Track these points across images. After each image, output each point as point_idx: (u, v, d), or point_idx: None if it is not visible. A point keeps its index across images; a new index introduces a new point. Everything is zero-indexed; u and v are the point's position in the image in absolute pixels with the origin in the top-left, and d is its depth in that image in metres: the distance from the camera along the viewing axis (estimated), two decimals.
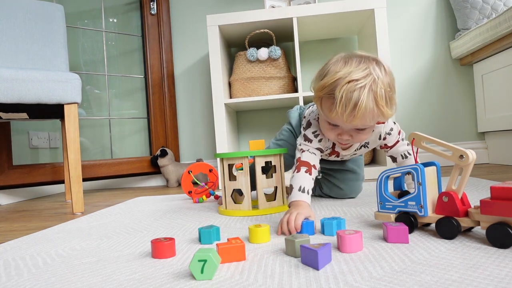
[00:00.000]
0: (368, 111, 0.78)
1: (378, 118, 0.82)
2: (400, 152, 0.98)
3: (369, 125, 0.84)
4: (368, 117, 0.80)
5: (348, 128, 0.85)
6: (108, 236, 0.83)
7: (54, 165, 1.91)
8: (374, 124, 0.86)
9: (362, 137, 0.87)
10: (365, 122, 0.81)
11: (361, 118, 0.79)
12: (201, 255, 0.51)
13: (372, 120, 0.82)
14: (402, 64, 2.16)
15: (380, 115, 0.81)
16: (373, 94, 0.78)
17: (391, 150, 0.99)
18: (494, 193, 0.57)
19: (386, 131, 0.96)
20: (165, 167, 2.06)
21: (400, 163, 1.00)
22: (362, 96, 0.77)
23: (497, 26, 1.70)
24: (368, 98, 0.78)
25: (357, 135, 0.86)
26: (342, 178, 1.12)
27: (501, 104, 1.87)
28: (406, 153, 0.98)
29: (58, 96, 1.31)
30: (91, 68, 2.32)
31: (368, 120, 0.81)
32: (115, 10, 2.33)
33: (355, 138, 0.87)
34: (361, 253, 0.58)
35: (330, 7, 1.75)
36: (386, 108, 0.80)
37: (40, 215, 1.32)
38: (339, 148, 0.99)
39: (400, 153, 0.98)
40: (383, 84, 0.80)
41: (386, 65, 0.85)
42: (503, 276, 0.45)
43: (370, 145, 1.00)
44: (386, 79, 0.82)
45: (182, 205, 1.26)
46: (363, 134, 0.86)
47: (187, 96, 2.30)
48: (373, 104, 0.79)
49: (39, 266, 0.63)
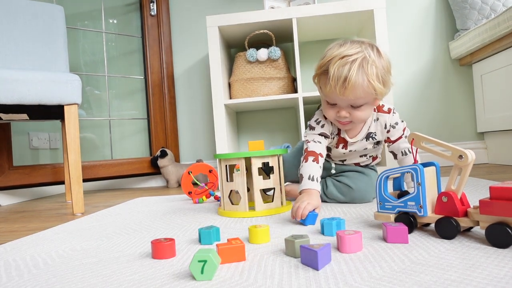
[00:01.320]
0: (358, 83, 0.85)
1: (370, 93, 0.88)
2: (401, 149, 0.99)
3: (362, 100, 0.89)
4: (358, 89, 0.86)
5: (344, 104, 0.91)
6: (108, 237, 0.84)
7: (55, 165, 1.91)
8: (369, 101, 0.91)
9: (359, 115, 0.92)
10: (356, 95, 0.87)
11: (352, 90, 0.86)
12: (201, 255, 0.51)
13: (364, 93, 0.87)
14: (402, 65, 2.17)
15: (372, 89, 0.86)
16: (363, 68, 0.86)
17: (392, 145, 1.01)
18: (493, 193, 0.58)
19: (391, 123, 0.99)
20: (165, 167, 2.06)
21: (400, 160, 1.00)
22: (352, 69, 0.85)
23: (496, 27, 1.70)
24: (358, 71, 0.85)
25: (354, 112, 0.92)
26: (352, 176, 1.07)
27: (500, 104, 1.88)
28: (407, 151, 0.98)
29: (59, 97, 1.31)
30: (91, 69, 2.32)
31: (359, 92, 0.87)
32: (115, 11, 2.33)
33: (353, 115, 0.92)
34: (360, 254, 0.58)
35: (330, 8, 1.76)
36: (377, 82, 0.86)
37: (40, 215, 1.32)
38: (345, 134, 1.02)
39: (401, 149, 0.99)
40: (374, 62, 0.87)
41: (382, 50, 0.91)
42: (502, 275, 0.45)
43: (378, 136, 1.01)
44: (379, 60, 0.88)
45: (182, 205, 1.26)
46: (359, 111, 0.92)
47: (187, 96, 2.30)
48: (362, 76, 0.85)
49: (39, 266, 0.63)
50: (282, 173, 1.02)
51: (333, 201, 1.09)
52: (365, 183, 1.05)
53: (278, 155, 1.02)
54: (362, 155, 1.08)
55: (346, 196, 1.06)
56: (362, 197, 1.05)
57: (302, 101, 1.77)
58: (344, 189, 1.06)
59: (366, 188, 1.05)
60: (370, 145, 1.04)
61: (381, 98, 0.94)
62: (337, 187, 1.07)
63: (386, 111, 1.00)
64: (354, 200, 1.05)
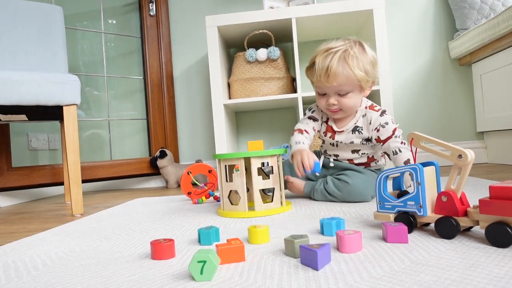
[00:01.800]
0: (339, 71, 0.97)
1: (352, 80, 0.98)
2: (391, 148, 1.01)
3: (347, 87, 1.00)
4: (340, 77, 0.98)
5: (332, 92, 1.03)
6: (107, 238, 0.83)
7: (54, 166, 1.91)
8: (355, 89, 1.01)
9: (346, 102, 1.02)
10: (339, 81, 0.98)
11: (334, 77, 0.98)
12: (201, 256, 0.51)
13: (346, 80, 0.99)
14: (401, 64, 2.17)
15: (353, 77, 0.98)
16: (344, 58, 0.98)
17: (383, 146, 1.04)
18: (493, 193, 0.57)
19: (381, 122, 1.04)
20: (164, 168, 2.06)
21: (393, 160, 1.02)
22: (334, 58, 0.98)
23: (495, 26, 1.70)
24: (339, 61, 0.97)
25: (341, 99, 1.03)
26: (350, 174, 1.09)
27: (500, 103, 1.88)
28: (397, 150, 1.01)
29: (57, 98, 1.31)
30: (90, 70, 2.32)
31: (341, 79, 0.98)
32: (114, 12, 2.33)
33: (341, 103, 1.03)
34: (360, 253, 0.58)
35: (329, 8, 1.76)
36: (358, 70, 0.97)
37: (39, 217, 1.31)
38: (333, 124, 1.11)
39: (392, 149, 1.01)
40: (356, 53, 0.98)
41: (368, 47, 1.03)
42: (502, 275, 0.45)
43: (364, 131, 1.07)
44: (362, 54, 1.00)
45: (181, 206, 1.26)
46: (346, 98, 1.02)
47: (186, 97, 2.30)
48: (343, 65, 0.98)
49: (38, 268, 0.63)
50: (281, 173, 1.02)
51: (331, 199, 1.10)
52: (362, 179, 1.07)
53: (277, 155, 1.02)
54: (354, 151, 1.11)
55: (342, 191, 1.07)
56: (358, 193, 1.05)
57: (302, 101, 1.77)
58: (341, 185, 1.07)
59: (363, 184, 1.06)
60: (357, 139, 1.08)
61: (366, 86, 1.03)
62: (335, 183, 1.09)
63: (375, 110, 1.06)
64: (351, 195, 1.06)
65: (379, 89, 1.71)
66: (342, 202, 1.09)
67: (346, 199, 1.07)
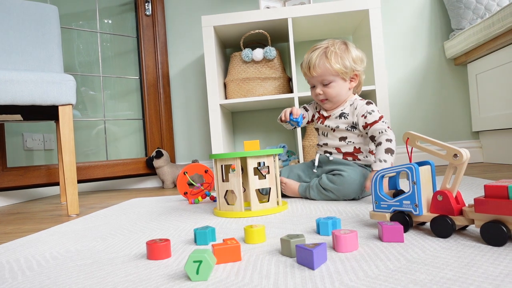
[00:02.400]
0: (317, 63, 1.13)
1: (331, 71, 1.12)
2: (377, 130, 1.08)
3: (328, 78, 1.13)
4: (319, 68, 1.13)
5: (317, 83, 1.17)
6: (103, 238, 0.83)
7: (49, 167, 1.90)
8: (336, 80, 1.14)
9: (329, 91, 1.15)
10: (318, 72, 1.13)
11: (314, 69, 1.13)
12: (197, 256, 0.51)
13: (326, 71, 1.13)
14: (397, 64, 2.17)
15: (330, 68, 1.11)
16: (324, 53, 1.13)
17: (370, 129, 1.10)
18: (488, 192, 0.58)
19: (368, 110, 1.12)
20: (160, 168, 2.05)
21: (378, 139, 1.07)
22: (314, 53, 1.14)
23: (490, 26, 1.71)
24: (318, 55, 1.13)
25: (325, 89, 1.16)
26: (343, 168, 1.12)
27: (495, 103, 1.89)
28: (383, 130, 1.07)
29: (53, 98, 1.30)
30: (86, 69, 2.31)
31: (320, 70, 1.13)
32: (109, 11, 2.32)
33: (325, 92, 1.16)
34: (356, 253, 0.58)
35: (325, 8, 1.76)
36: (335, 63, 1.11)
37: (35, 217, 1.31)
38: (324, 111, 1.22)
39: (378, 130, 1.08)
40: (336, 50, 1.12)
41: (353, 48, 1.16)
42: (497, 273, 0.45)
43: (349, 116, 1.16)
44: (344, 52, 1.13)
45: (177, 206, 1.25)
46: (328, 88, 1.15)
47: (182, 97, 2.29)
48: (322, 59, 1.13)
49: (33, 268, 0.63)
50: (278, 173, 1.02)
51: (326, 195, 1.11)
52: (353, 171, 1.10)
53: (273, 155, 1.02)
54: (341, 138, 1.17)
55: (336, 183, 1.09)
56: (351, 183, 1.08)
57: (298, 101, 1.77)
58: (335, 178, 1.10)
59: (355, 175, 1.08)
60: (343, 125, 1.16)
61: (347, 77, 1.15)
62: (329, 178, 1.12)
63: (362, 99, 1.18)
64: (344, 185, 1.08)
65: (375, 88, 1.72)
66: (337, 198, 1.10)
67: (340, 191, 1.09)
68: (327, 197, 1.11)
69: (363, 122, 1.12)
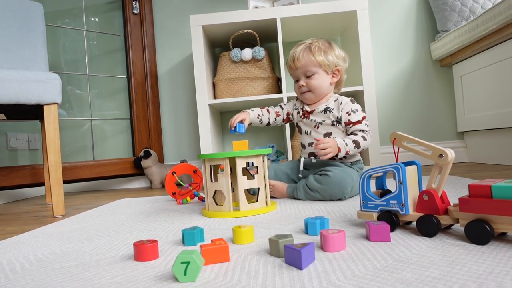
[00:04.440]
0: (301, 56, 1.17)
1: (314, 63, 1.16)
2: (359, 129, 1.15)
3: (311, 69, 1.17)
4: (303, 60, 1.17)
5: (300, 75, 1.20)
6: (89, 239, 0.82)
7: (34, 167, 1.87)
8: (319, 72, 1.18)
9: (312, 82, 1.18)
10: (302, 64, 1.17)
11: (298, 61, 1.18)
12: (184, 256, 0.51)
13: (309, 63, 1.17)
14: (384, 65, 2.20)
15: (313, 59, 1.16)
16: (308, 47, 1.18)
17: (351, 127, 1.16)
18: (472, 191, 0.59)
19: (352, 108, 1.16)
20: (148, 168, 2.03)
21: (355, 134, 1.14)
22: (299, 48, 1.20)
23: (475, 28, 1.74)
24: (302, 49, 1.19)
25: (308, 81, 1.19)
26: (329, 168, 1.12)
27: (479, 104, 1.92)
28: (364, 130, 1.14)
29: (37, 96, 1.28)
30: (72, 68, 2.27)
31: (304, 62, 1.17)
32: (96, 9, 2.29)
33: (308, 84, 1.19)
34: (344, 252, 0.58)
35: (313, 8, 1.77)
36: (318, 55, 1.16)
37: (19, 218, 1.28)
38: (307, 106, 1.24)
39: (359, 129, 1.15)
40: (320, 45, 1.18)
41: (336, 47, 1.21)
42: (481, 272, 0.46)
43: (334, 111, 1.18)
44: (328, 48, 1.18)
45: (165, 206, 1.24)
46: (312, 80, 1.18)
47: (171, 96, 2.28)
48: (306, 51, 1.18)
49: (16, 271, 0.62)
50: (266, 173, 1.02)
51: (313, 195, 1.11)
52: (340, 171, 1.10)
53: (262, 155, 1.02)
54: (326, 134, 1.19)
55: (322, 183, 1.09)
56: (337, 183, 1.08)
57: (287, 101, 1.77)
58: (322, 178, 1.10)
59: (341, 175, 1.08)
60: (328, 119, 1.19)
61: (329, 70, 1.18)
62: (316, 178, 1.12)
63: (346, 97, 1.21)
64: (330, 185, 1.08)
65: (362, 89, 1.73)
66: (324, 199, 1.11)
67: (327, 192, 1.09)
68: (314, 197, 1.12)
69: (346, 119, 1.16)
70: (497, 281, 0.43)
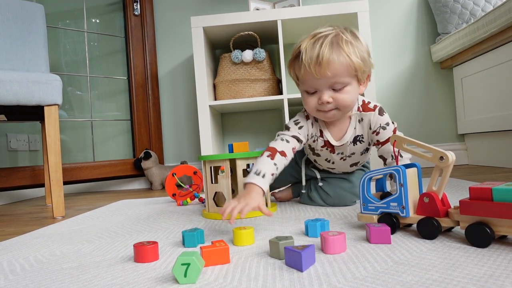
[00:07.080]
0: (333, 57, 0.78)
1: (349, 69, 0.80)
2: (390, 152, 0.89)
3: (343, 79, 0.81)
4: (334, 64, 0.78)
5: (325, 87, 0.82)
6: (89, 241, 0.82)
7: (34, 168, 1.87)
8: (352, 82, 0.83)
9: (343, 98, 0.82)
10: (333, 71, 0.79)
11: (327, 66, 0.78)
12: (184, 258, 0.51)
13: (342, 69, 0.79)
14: (385, 67, 2.20)
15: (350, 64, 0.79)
16: (337, 42, 0.79)
17: (382, 148, 0.91)
18: (472, 194, 0.59)
19: (381, 123, 0.89)
20: (148, 169, 2.03)
21: (389, 164, 0.91)
22: (324, 43, 0.78)
23: (475, 31, 1.75)
24: (331, 45, 0.78)
25: (337, 95, 0.82)
26: (333, 182, 1.04)
27: (480, 106, 1.92)
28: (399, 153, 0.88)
29: (38, 97, 1.28)
30: (73, 69, 2.28)
31: (336, 67, 0.78)
32: (97, 11, 2.29)
33: (336, 100, 0.82)
34: (344, 254, 0.58)
35: (314, 10, 1.77)
36: (355, 56, 0.79)
37: (19, 219, 1.28)
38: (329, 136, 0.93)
39: (391, 152, 0.89)
40: (349, 39, 0.80)
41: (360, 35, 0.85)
42: (481, 275, 0.46)
43: (365, 138, 0.93)
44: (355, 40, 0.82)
45: (166, 208, 1.24)
46: (343, 93, 0.82)
47: (171, 98, 2.28)
48: (338, 50, 0.78)
49: (16, 272, 0.62)
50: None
51: (315, 204, 1.08)
52: (344, 190, 1.02)
53: None
54: (353, 165, 1.01)
55: (326, 201, 1.05)
56: (341, 203, 1.03)
57: (287, 103, 1.77)
58: (324, 196, 1.05)
59: (345, 195, 1.02)
60: (359, 150, 0.95)
61: (363, 78, 0.85)
62: (319, 192, 1.06)
63: (371, 109, 0.90)
64: (334, 205, 1.04)
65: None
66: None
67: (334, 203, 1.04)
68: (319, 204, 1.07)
69: (375, 140, 0.92)
70: (497, 284, 0.43)
